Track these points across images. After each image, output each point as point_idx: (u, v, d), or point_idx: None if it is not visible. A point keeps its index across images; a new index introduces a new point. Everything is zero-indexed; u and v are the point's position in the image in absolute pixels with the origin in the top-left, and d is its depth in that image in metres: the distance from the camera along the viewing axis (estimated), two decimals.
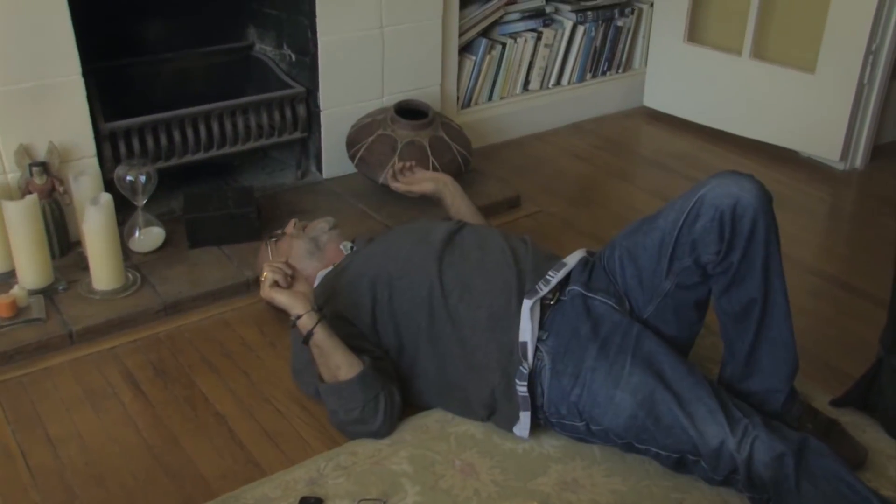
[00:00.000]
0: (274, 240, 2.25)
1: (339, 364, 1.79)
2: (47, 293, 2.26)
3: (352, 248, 2.16)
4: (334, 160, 2.93)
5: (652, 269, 1.80)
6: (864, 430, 1.92)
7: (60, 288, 2.29)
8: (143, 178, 2.38)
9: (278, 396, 2.01)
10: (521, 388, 1.78)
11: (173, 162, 2.65)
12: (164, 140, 2.61)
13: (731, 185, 1.70)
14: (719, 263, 1.72)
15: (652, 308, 1.83)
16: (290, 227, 2.24)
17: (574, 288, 1.85)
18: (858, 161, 3.21)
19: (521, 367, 1.78)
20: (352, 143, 2.80)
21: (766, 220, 1.71)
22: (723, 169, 1.77)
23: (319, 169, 2.97)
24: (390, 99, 2.92)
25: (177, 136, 2.63)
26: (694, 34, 3.52)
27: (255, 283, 2.39)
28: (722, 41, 3.44)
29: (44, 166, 2.32)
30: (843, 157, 3.18)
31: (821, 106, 3.15)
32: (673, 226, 1.74)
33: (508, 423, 1.83)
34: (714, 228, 1.69)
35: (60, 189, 2.36)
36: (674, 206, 1.76)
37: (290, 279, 1.84)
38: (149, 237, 2.48)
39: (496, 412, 1.85)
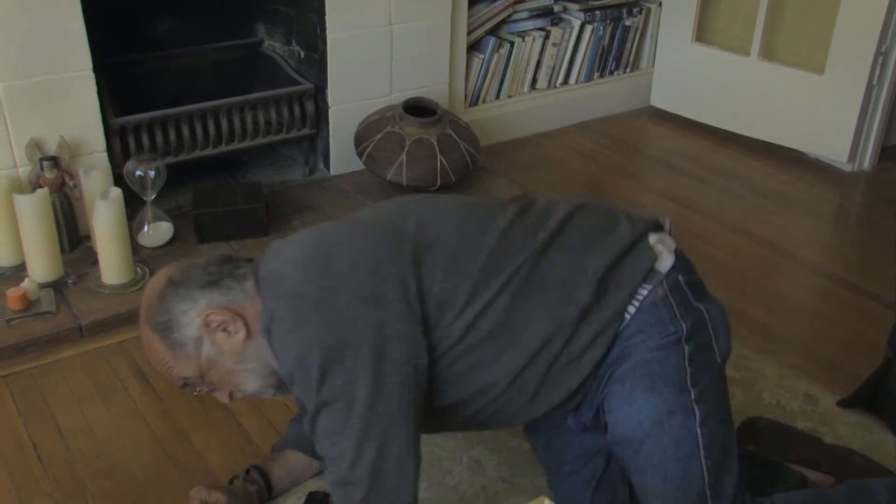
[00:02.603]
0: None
1: None
2: (57, 287, 2.27)
3: None
4: (342, 157, 2.94)
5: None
6: (872, 431, 1.92)
7: (70, 282, 2.30)
8: (152, 173, 2.39)
9: None
10: None
11: (182, 157, 2.66)
12: (173, 135, 2.61)
13: None
14: None
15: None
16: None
17: None
18: (866, 162, 3.21)
19: None
20: (360, 140, 2.81)
21: None
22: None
23: (327, 166, 2.98)
24: (399, 96, 2.93)
25: (186, 131, 2.63)
26: (702, 34, 3.51)
27: None
28: (730, 42, 3.44)
29: (54, 161, 2.33)
30: (851, 158, 3.18)
31: (829, 107, 3.15)
32: None
33: None
34: None
35: (70, 183, 2.37)
36: None
37: None
38: (157, 232, 2.49)
39: None
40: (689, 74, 3.56)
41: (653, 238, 1.51)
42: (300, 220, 2.67)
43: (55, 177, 2.34)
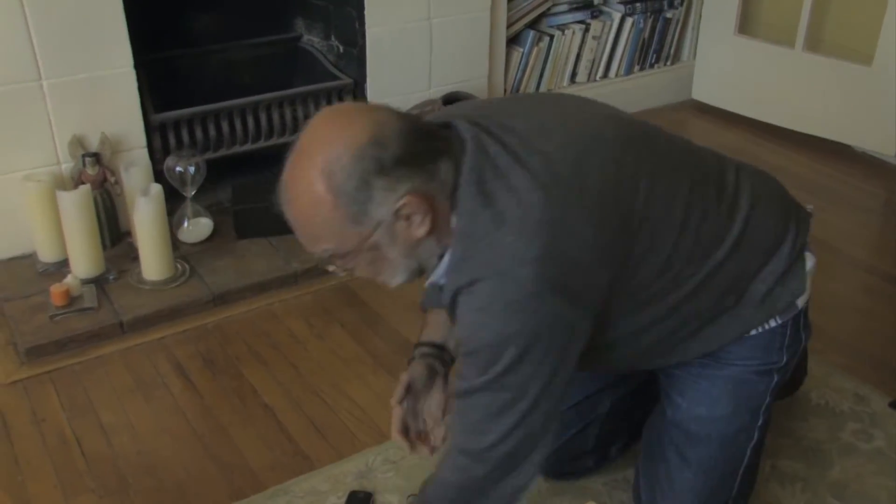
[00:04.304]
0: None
1: None
2: (99, 282, 2.28)
3: None
4: None
5: None
6: None
7: (111, 277, 2.31)
8: (192, 169, 2.39)
9: (326, 389, 2.01)
10: None
11: (222, 153, 2.66)
12: (212, 131, 2.62)
13: None
14: None
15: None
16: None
17: None
18: None
19: None
20: None
21: None
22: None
23: None
24: (438, 90, 2.91)
25: (225, 127, 2.64)
26: (745, 26, 3.45)
27: (303, 274, 2.40)
28: (774, 33, 3.37)
29: (96, 157, 2.35)
30: None
31: (877, 99, 3.07)
32: None
33: None
34: None
35: (112, 179, 2.38)
36: None
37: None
38: (197, 228, 2.50)
39: None
40: (731, 67, 3.50)
41: (809, 263, 1.47)
42: None
43: (97, 173, 2.35)
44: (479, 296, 1.20)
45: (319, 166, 1.14)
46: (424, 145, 1.20)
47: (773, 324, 1.45)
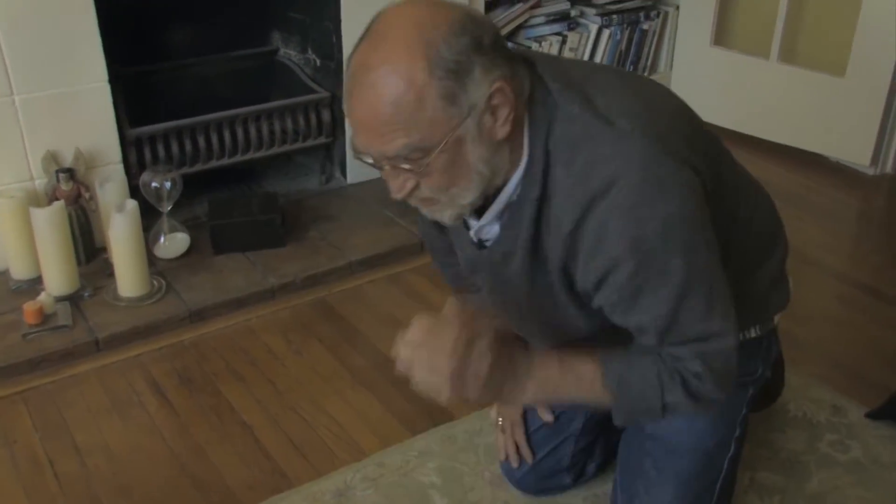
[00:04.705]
0: None
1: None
2: (73, 300, 2.26)
3: None
4: (358, 165, 2.87)
5: None
6: None
7: (86, 294, 2.29)
8: (168, 185, 2.38)
9: (304, 406, 2.00)
10: None
11: (198, 168, 2.64)
12: (188, 146, 2.60)
13: None
14: None
15: None
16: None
17: None
18: (889, 166, 3.16)
19: None
20: None
21: None
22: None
23: (344, 174, 2.96)
24: None
25: (201, 141, 2.62)
26: (721, 38, 3.47)
27: (281, 289, 2.38)
28: (749, 45, 3.40)
29: (70, 173, 2.32)
30: (874, 161, 3.13)
31: (851, 110, 3.10)
32: None
33: None
34: None
35: (86, 195, 2.36)
36: None
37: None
38: (173, 243, 2.48)
39: None
40: (707, 78, 3.52)
41: (791, 282, 1.49)
42: (316, 230, 2.65)
43: (71, 189, 2.33)
44: (626, 192, 1.09)
45: (414, 38, 1.03)
46: (505, 42, 1.12)
47: (753, 333, 1.45)
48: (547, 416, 1.66)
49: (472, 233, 1.27)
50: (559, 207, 1.14)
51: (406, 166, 1.09)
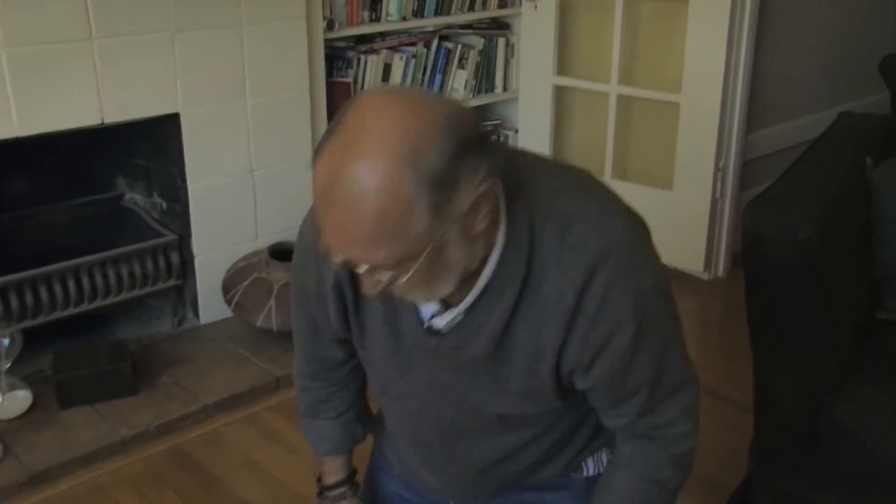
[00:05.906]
0: None
1: None
2: None
3: None
4: (211, 305, 2.90)
5: None
6: None
7: None
8: (5, 342, 2.31)
9: None
10: None
11: (41, 320, 2.57)
12: (30, 298, 2.53)
13: None
14: None
15: None
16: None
17: None
18: (721, 270, 3.37)
19: None
20: (227, 287, 2.79)
21: None
22: None
23: (196, 315, 2.93)
24: (265, 241, 2.93)
25: (44, 293, 2.56)
26: (556, 155, 3.67)
27: (132, 440, 2.32)
28: (582, 162, 3.58)
29: None
30: (707, 267, 3.34)
31: (681, 220, 3.31)
32: None
33: None
34: None
35: None
36: None
37: None
38: (13, 402, 2.38)
39: None
40: None
41: None
42: (169, 375, 2.61)
43: None
44: (624, 257, 1.10)
45: (398, 144, 0.94)
46: (487, 133, 1.10)
47: (591, 465, 1.40)
48: None
49: (429, 318, 1.16)
50: (554, 282, 1.10)
51: (386, 272, 1.03)
